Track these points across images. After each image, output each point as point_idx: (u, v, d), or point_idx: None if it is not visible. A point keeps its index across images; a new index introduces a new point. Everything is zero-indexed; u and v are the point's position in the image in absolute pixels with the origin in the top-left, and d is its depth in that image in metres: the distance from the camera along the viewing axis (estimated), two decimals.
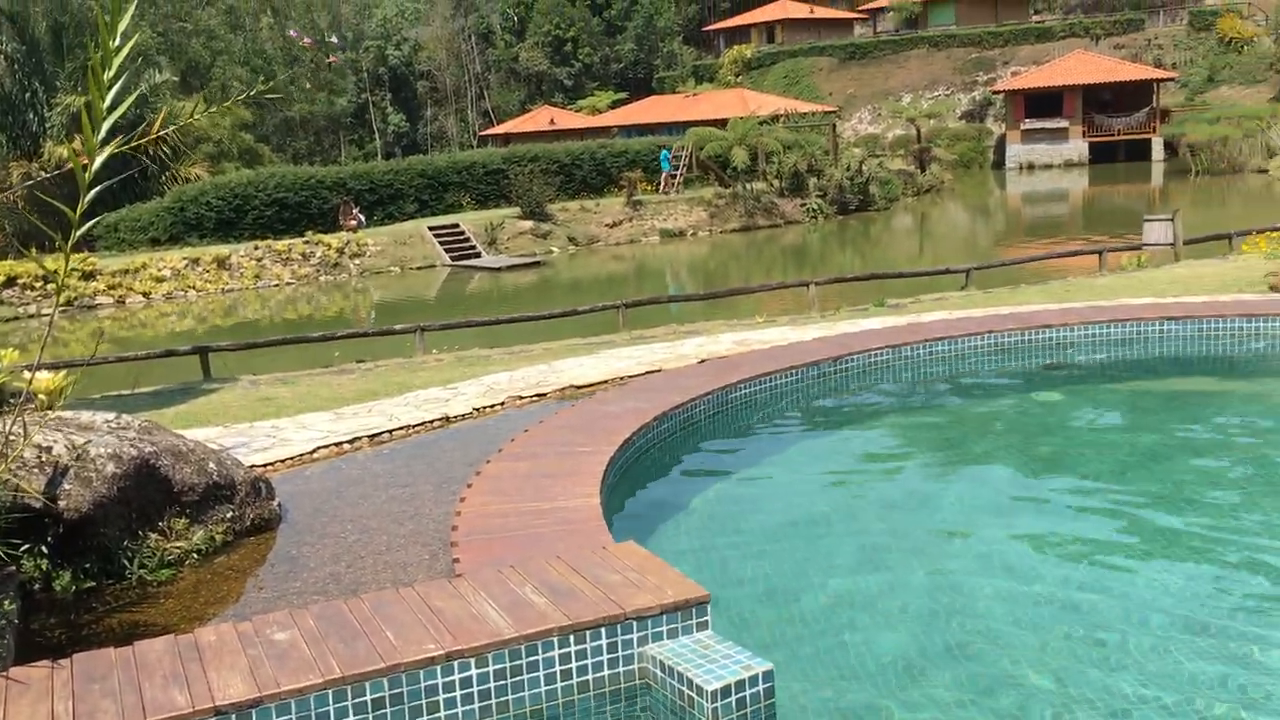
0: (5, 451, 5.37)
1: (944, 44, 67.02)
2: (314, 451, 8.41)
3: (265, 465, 7.99)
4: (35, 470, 5.84)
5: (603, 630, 4.62)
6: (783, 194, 40.60)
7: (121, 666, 4.36)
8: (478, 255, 34.05)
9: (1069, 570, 6.30)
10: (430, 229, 35.16)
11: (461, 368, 12.18)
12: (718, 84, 69.65)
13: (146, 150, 34.06)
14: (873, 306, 15.29)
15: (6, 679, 4.30)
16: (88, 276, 29.20)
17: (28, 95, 34.73)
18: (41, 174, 31.05)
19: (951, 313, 13.17)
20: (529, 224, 36.23)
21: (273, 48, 69.20)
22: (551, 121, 62.16)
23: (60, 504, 5.83)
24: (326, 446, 8.53)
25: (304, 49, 64.57)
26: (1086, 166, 54.54)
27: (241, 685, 4.15)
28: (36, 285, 28.34)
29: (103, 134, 3.50)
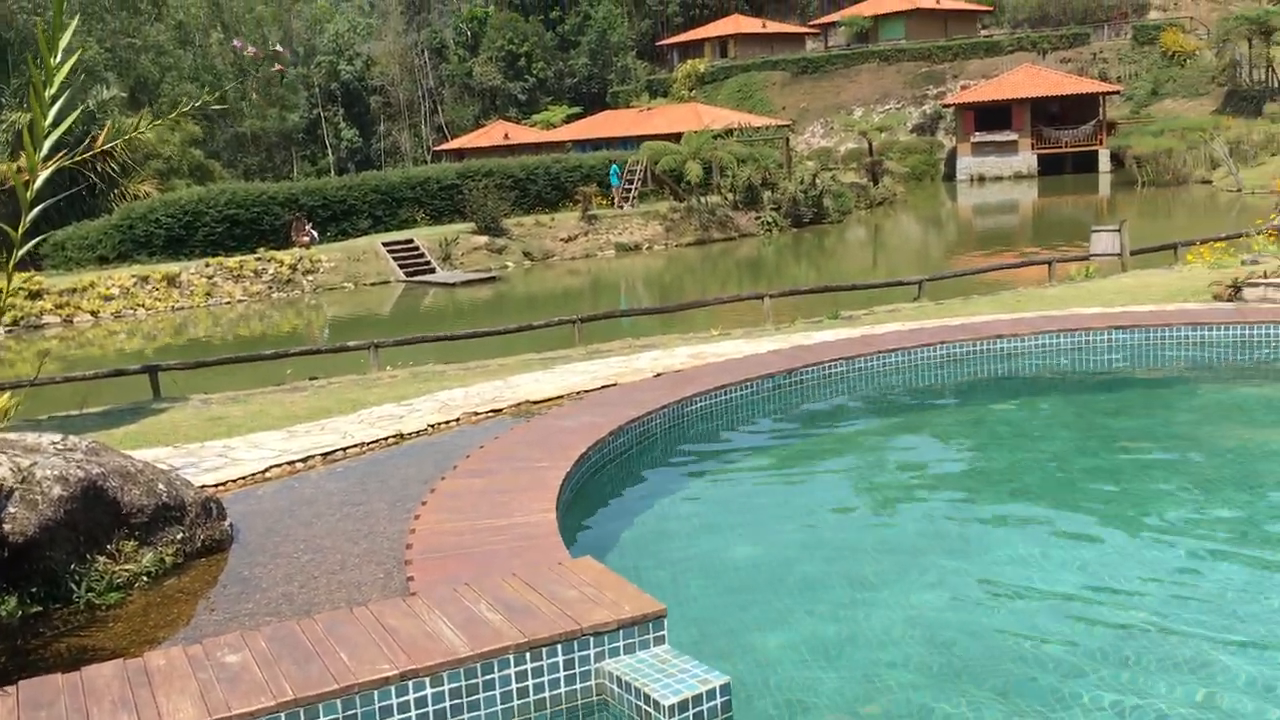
0: None
1: (894, 58, 67.78)
2: (266, 470, 8.32)
3: (216, 485, 7.89)
4: None
5: (559, 647, 4.60)
6: (737, 207, 40.82)
7: (69, 692, 4.28)
8: (432, 271, 33.91)
9: (1019, 572, 6.36)
10: (384, 245, 34.97)
11: (416, 384, 12.10)
12: (671, 98, 69.92)
13: (94, 167, 33.61)
14: (827, 318, 15.38)
15: None
16: (34, 295, 28.73)
17: None
18: None
19: (905, 324, 13.28)
20: (484, 239, 36.15)
21: (223, 63, 68.59)
22: (506, 136, 62.09)
23: (5, 528, 5.72)
24: (279, 465, 8.43)
25: (251, 61, 64.03)
26: (1036, 178, 55.31)
27: (192, 710, 4.09)
28: None
29: (45, 151, 3.45)
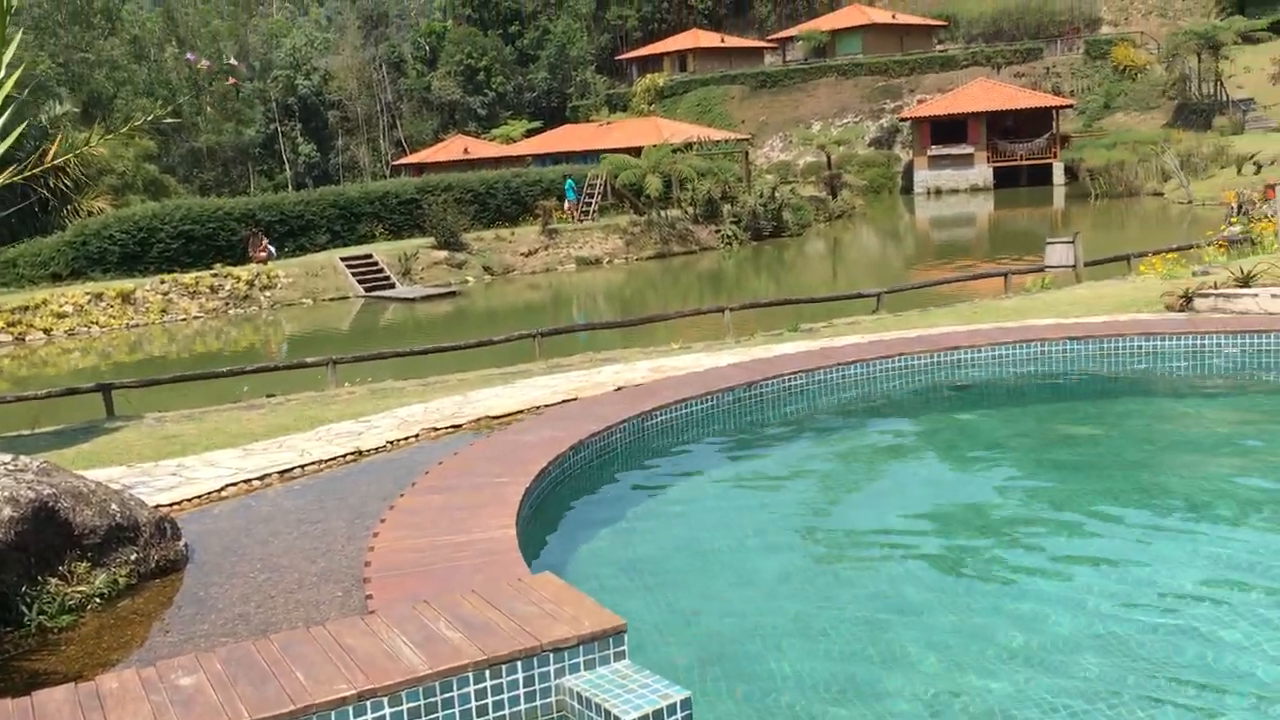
0: None
1: (852, 72, 68.43)
2: (222, 489, 8.22)
3: (171, 505, 7.79)
4: None
5: (519, 663, 4.57)
6: (697, 221, 40.97)
7: (19, 717, 4.20)
8: (392, 286, 33.75)
9: (973, 584, 6.41)
10: (343, 260, 34.77)
11: (375, 400, 12.02)
12: (631, 112, 70.17)
13: (46, 183, 33.24)
14: (787, 331, 15.46)
15: None
16: None
17: None
18: None
19: (864, 336, 13.37)
20: (444, 254, 36.04)
21: (178, 78, 68.03)
22: (465, 151, 61.99)
23: None
24: (235, 484, 8.34)
25: (207, 75, 63.56)
26: (991, 191, 55.98)
27: None
28: None
29: None
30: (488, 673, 4.51)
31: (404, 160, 68.51)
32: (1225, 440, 9.37)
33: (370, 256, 35.20)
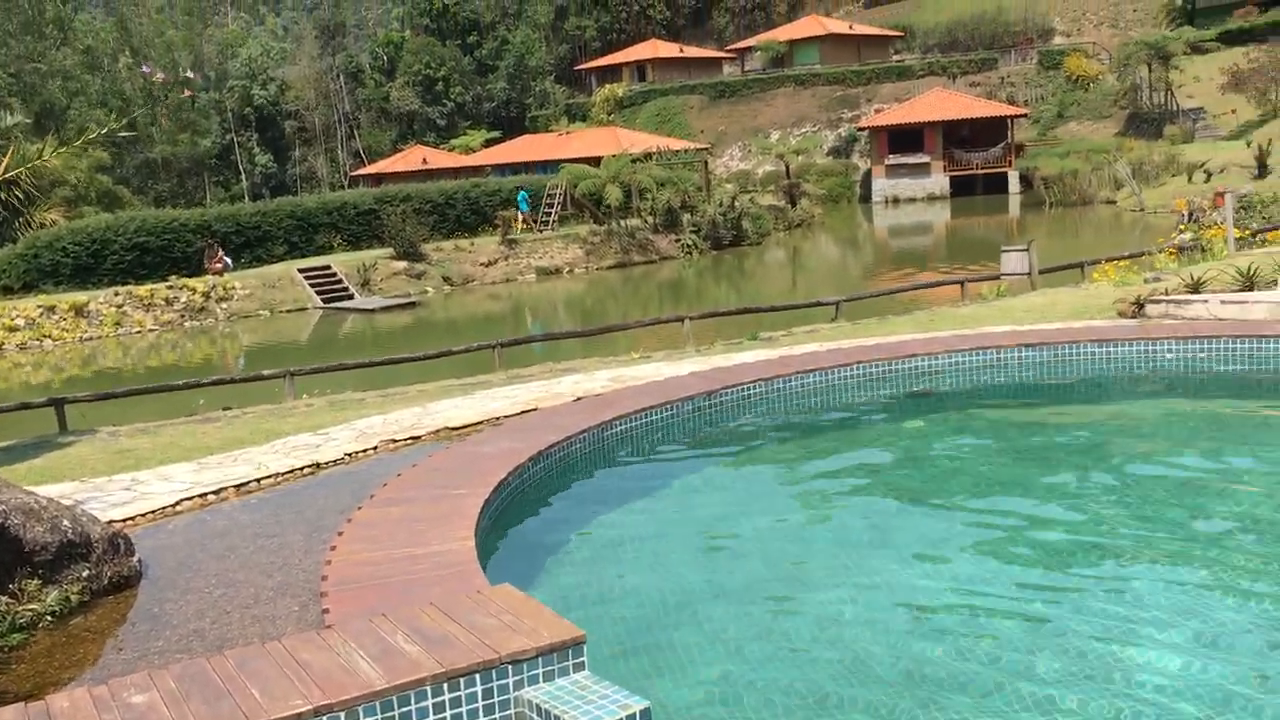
0: None
1: (809, 82, 68.91)
2: (177, 504, 8.13)
3: (125, 520, 7.69)
4: None
5: (477, 676, 4.55)
6: (657, 230, 41.04)
7: None
8: (350, 297, 33.52)
9: (935, 590, 6.46)
10: (300, 271, 34.49)
11: (333, 412, 11.94)
12: (590, 122, 70.24)
13: None
14: (747, 340, 15.51)
15: None
16: None
17: None
18: None
19: (823, 345, 13.44)
20: (403, 264, 35.85)
21: (132, 88, 67.30)
22: (424, 161, 61.80)
23: None
24: (190, 498, 8.24)
25: (161, 86, 62.96)
26: (948, 199, 56.51)
27: None
28: None
29: None
30: (446, 686, 4.48)
31: (362, 171, 68.20)
32: (1177, 442, 9.51)
33: (329, 267, 34.95)
